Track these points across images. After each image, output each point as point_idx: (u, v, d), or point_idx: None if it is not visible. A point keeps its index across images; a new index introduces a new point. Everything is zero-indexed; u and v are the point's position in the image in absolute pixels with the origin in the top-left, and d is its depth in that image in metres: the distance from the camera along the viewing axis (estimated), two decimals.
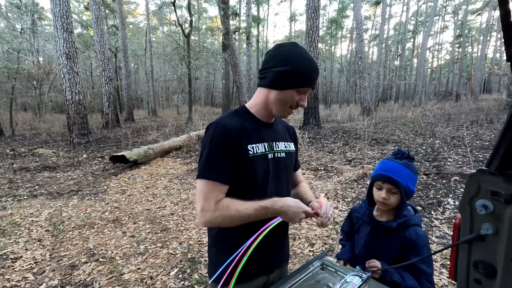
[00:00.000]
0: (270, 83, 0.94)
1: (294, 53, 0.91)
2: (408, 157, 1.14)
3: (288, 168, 1.08)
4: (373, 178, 1.16)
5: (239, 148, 0.91)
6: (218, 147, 0.89)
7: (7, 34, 20.43)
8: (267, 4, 33.68)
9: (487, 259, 0.73)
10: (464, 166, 4.77)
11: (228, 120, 0.94)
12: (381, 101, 23.19)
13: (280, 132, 1.09)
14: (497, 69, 14.11)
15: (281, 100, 0.94)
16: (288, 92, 0.92)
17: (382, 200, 1.12)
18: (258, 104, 0.99)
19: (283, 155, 1.04)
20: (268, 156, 0.98)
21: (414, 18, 31.15)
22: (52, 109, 20.95)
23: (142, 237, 3.02)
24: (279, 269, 1.11)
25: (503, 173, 0.70)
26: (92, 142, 8.32)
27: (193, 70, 18.76)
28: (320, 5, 9.61)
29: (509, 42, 0.60)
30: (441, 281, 2.12)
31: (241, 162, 0.92)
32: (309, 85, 0.93)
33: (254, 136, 0.96)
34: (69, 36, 7.76)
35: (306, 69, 0.91)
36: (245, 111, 1.01)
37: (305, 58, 0.91)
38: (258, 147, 0.96)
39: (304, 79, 0.91)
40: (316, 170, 5.22)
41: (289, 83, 0.91)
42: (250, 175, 0.94)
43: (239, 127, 0.93)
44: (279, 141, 1.05)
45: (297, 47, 0.93)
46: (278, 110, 0.96)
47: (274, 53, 0.94)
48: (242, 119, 0.97)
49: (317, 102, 9.57)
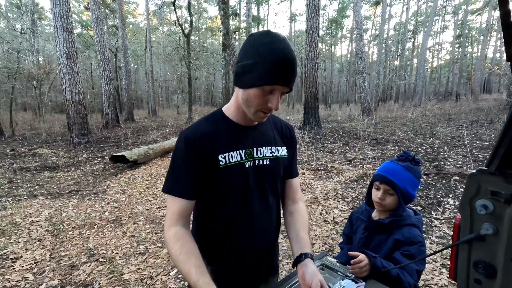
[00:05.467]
0: (235, 80, 0.81)
1: (259, 44, 0.72)
2: (412, 160, 1.13)
3: (275, 176, 0.94)
4: (373, 178, 1.18)
5: (208, 159, 0.82)
6: (180, 160, 0.82)
7: (7, 34, 20.43)
8: (267, 4, 33.71)
9: (487, 259, 0.73)
10: (464, 166, 4.77)
11: (197, 128, 0.84)
12: (381, 101, 23.20)
13: (265, 135, 0.93)
14: (497, 69, 14.10)
15: (245, 101, 0.79)
16: (251, 91, 0.75)
17: (378, 200, 1.13)
18: (232, 105, 0.87)
19: (266, 162, 0.90)
20: (245, 165, 0.86)
21: (414, 18, 31.16)
22: (52, 109, 20.96)
23: (142, 237, 3.02)
24: (264, 284, 1.01)
25: (503, 173, 0.70)
26: (92, 142, 8.32)
27: (193, 70, 18.75)
28: (320, 5, 9.61)
29: (509, 42, 0.60)
30: (441, 281, 2.12)
31: (211, 174, 0.83)
32: (276, 83, 0.73)
33: (228, 144, 0.85)
34: (69, 36, 7.75)
35: (271, 62, 0.71)
36: (220, 115, 0.89)
37: (272, 49, 0.71)
38: (232, 156, 0.84)
39: (269, 75, 0.72)
40: (316, 170, 5.22)
41: (250, 80, 0.74)
42: (223, 187, 0.85)
43: (208, 135, 0.83)
44: (263, 146, 0.91)
45: (267, 36, 0.73)
46: (246, 112, 0.81)
47: (243, 44, 0.79)
48: (215, 124, 0.86)
49: (317, 102, 9.57)
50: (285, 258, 2.57)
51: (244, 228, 0.89)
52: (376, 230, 1.16)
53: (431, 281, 2.12)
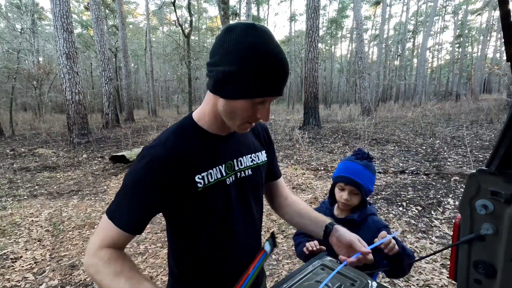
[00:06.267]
0: (213, 87, 0.65)
1: (243, 44, 0.58)
2: (368, 157, 1.18)
3: (257, 186, 0.86)
4: (335, 179, 1.20)
5: (181, 184, 0.68)
6: (138, 184, 0.66)
7: (7, 34, 20.44)
8: (267, 4, 33.75)
9: (487, 259, 0.73)
10: (464, 166, 4.77)
11: (165, 145, 0.68)
12: (381, 101, 23.21)
13: (245, 143, 0.82)
14: (497, 69, 14.11)
15: (229, 113, 0.66)
16: (237, 103, 0.63)
17: (345, 201, 1.17)
18: (207, 114, 0.72)
19: (249, 172, 0.81)
20: (226, 181, 0.75)
21: (414, 18, 31.19)
22: (52, 109, 20.98)
23: (142, 237, 3.02)
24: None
25: (503, 173, 0.70)
26: (92, 142, 8.32)
27: (193, 70, 18.75)
28: (320, 5, 9.61)
29: (509, 42, 0.60)
30: (441, 281, 2.12)
31: (186, 200, 0.70)
32: (268, 94, 0.62)
33: (204, 161, 0.72)
34: (69, 36, 7.76)
35: (261, 70, 0.58)
36: (191, 126, 0.74)
37: (262, 54, 0.58)
38: (211, 174, 0.72)
39: (259, 86, 0.60)
40: (316, 170, 5.22)
41: (236, 91, 0.61)
42: (204, 210, 0.72)
43: (180, 153, 0.68)
44: (243, 155, 0.80)
45: (253, 34, 0.58)
46: (229, 123, 0.69)
47: (220, 41, 0.61)
48: (186, 138, 0.71)
49: (317, 102, 9.58)
50: (285, 258, 2.57)
51: (230, 250, 0.80)
52: (347, 228, 1.20)
53: (431, 281, 2.12)
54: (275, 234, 0.93)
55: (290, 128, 9.49)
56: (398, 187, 4.06)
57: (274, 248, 0.75)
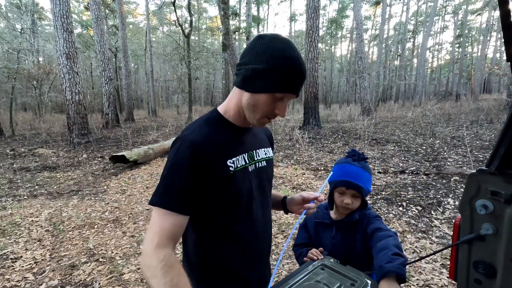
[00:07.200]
0: (241, 83, 0.76)
1: (272, 48, 0.71)
2: (363, 158, 1.17)
3: (270, 177, 0.96)
4: (336, 184, 1.16)
5: (216, 166, 0.76)
6: (181, 168, 0.72)
7: (7, 34, 20.45)
8: (267, 4, 33.71)
9: (487, 259, 0.73)
10: (464, 166, 4.77)
11: (199, 132, 0.77)
12: (381, 101, 23.20)
13: (259, 137, 0.94)
14: (497, 69, 14.11)
15: (252, 106, 0.76)
16: (261, 96, 0.73)
17: (346, 205, 1.14)
18: (233, 108, 0.82)
19: (264, 164, 0.91)
20: (248, 168, 0.84)
21: (414, 18, 31.16)
22: (52, 109, 20.98)
23: (142, 237, 3.02)
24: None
25: (503, 173, 0.70)
26: (92, 142, 8.32)
27: (193, 70, 18.76)
28: (320, 5, 9.61)
29: (509, 42, 0.60)
30: (441, 281, 2.12)
31: (220, 182, 0.77)
32: (289, 91, 0.73)
33: (233, 148, 0.81)
34: (69, 36, 7.75)
35: (285, 70, 0.70)
36: (219, 118, 0.84)
37: (286, 57, 0.70)
38: (239, 160, 0.81)
39: (282, 83, 0.71)
40: (316, 170, 5.22)
41: (262, 86, 0.72)
42: (234, 193, 0.80)
43: (213, 140, 0.77)
44: (259, 148, 0.91)
45: (278, 40, 0.72)
46: (249, 117, 0.79)
47: (252, 45, 0.75)
48: (216, 128, 0.80)
49: (317, 102, 9.58)
50: (285, 258, 2.57)
51: (252, 237, 0.87)
52: (347, 229, 1.20)
53: (431, 281, 2.12)
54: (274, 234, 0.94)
55: (290, 128, 9.49)
56: (398, 187, 4.06)
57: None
